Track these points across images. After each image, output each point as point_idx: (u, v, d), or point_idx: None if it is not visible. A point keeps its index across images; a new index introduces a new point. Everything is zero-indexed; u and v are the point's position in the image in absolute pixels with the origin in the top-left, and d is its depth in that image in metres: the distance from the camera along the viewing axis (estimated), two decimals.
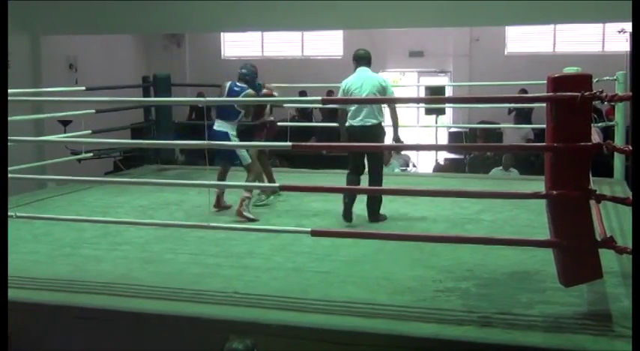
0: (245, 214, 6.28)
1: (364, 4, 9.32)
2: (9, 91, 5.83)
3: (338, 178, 8.13)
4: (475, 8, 9.13)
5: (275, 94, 7.50)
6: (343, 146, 7.73)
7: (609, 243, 3.77)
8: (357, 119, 6.31)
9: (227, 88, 6.58)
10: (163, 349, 4.01)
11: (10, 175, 5.24)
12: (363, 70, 6.41)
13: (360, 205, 6.74)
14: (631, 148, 3.54)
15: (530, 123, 11.98)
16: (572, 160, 3.73)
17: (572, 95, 3.62)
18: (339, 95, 6.62)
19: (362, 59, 6.48)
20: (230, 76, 6.86)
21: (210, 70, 14.61)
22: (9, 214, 5.09)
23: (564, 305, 4.02)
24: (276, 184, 6.48)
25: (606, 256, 3.97)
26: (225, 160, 6.62)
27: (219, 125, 6.47)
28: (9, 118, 5.43)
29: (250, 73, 6.66)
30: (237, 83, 6.59)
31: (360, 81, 6.34)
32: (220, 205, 6.68)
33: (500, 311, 3.94)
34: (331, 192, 6.78)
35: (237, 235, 5.53)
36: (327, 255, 5.11)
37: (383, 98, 6.46)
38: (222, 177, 6.76)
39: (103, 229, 5.85)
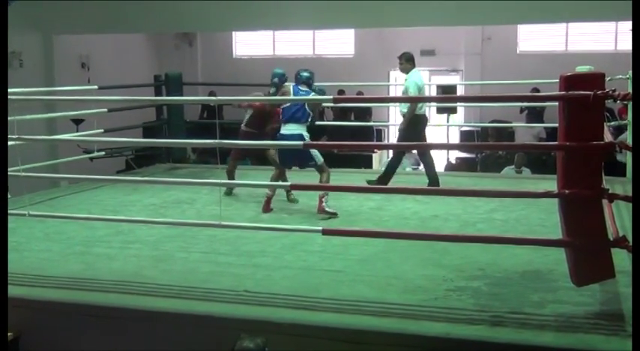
0: (327, 209, 6.32)
1: (375, 3, 9.31)
2: (22, 90, 5.89)
3: (349, 176, 8.14)
4: (487, 7, 9.10)
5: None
6: (354, 145, 7.74)
7: (622, 242, 3.75)
8: (422, 110, 7.53)
9: (291, 92, 6.56)
10: (174, 348, 4.02)
11: (22, 174, 5.29)
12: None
13: (370, 204, 6.76)
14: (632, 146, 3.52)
15: (543, 122, 11.94)
16: (585, 159, 3.71)
17: (584, 94, 3.60)
18: (418, 93, 7.42)
19: None
20: (241, 75, 6.87)
21: (222, 69, 14.66)
22: (22, 212, 5.15)
23: (576, 305, 4.00)
24: (287, 183, 6.50)
25: (619, 256, 3.95)
26: (300, 161, 6.58)
27: (290, 129, 6.42)
28: (22, 117, 5.48)
29: (312, 76, 6.74)
30: (300, 87, 6.59)
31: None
32: (269, 210, 6.59)
33: (512, 310, 3.93)
34: (341, 191, 6.78)
35: (249, 234, 5.54)
36: (337, 254, 5.11)
37: (402, 97, 6.62)
38: (280, 179, 6.76)
39: (115, 227, 5.88)
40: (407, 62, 7.60)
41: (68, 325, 4.22)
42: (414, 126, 7.37)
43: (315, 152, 6.41)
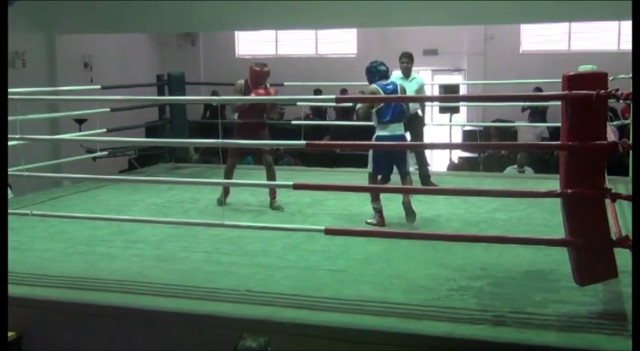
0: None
1: (378, 3, 9.29)
2: (25, 90, 5.90)
3: (352, 176, 8.15)
4: (490, 6, 9.08)
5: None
6: (357, 145, 7.73)
7: (624, 242, 3.75)
8: None
9: (381, 92, 5.97)
10: (176, 348, 4.02)
11: (25, 173, 5.29)
12: None
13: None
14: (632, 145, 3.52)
15: (545, 121, 11.92)
16: (588, 158, 3.71)
17: (587, 93, 3.60)
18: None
19: None
20: (243, 75, 6.82)
21: (225, 68, 14.63)
22: (25, 212, 5.15)
23: (579, 304, 4.00)
24: (290, 183, 6.48)
25: (621, 256, 3.94)
26: (398, 165, 6.09)
27: (395, 129, 5.97)
28: (25, 117, 5.48)
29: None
30: (385, 83, 6.04)
31: None
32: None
33: (514, 310, 3.93)
34: (345, 190, 6.77)
35: (251, 234, 5.54)
36: (340, 253, 5.11)
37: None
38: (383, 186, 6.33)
39: (118, 227, 5.88)
40: (412, 61, 7.58)
41: (71, 324, 4.22)
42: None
43: (408, 157, 6.11)
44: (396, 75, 7.43)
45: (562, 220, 3.88)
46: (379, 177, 6.18)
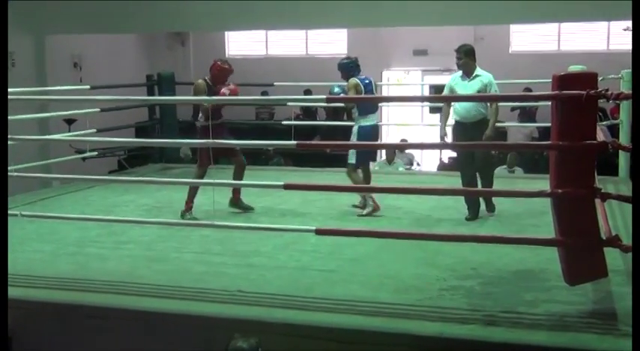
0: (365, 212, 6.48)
1: (368, 3, 9.30)
2: (14, 90, 5.86)
3: (342, 176, 8.15)
4: (480, 7, 9.11)
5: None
6: (347, 145, 7.73)
7: (614, 241, 3.77)
8: None
9: (360, 85, 6.79)
10: (168, 348, 4.01)
11: (15, 174, 5.27)
12: None
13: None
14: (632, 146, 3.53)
15: (535, 121, 11.95)
16: (578, 158, 3.72)
17: (577, 94, 3.61)
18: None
19: None
20: (234, 75, 6.81)
21: None
22: (14, 212, 5.12)
23: (569, 304, 4.01)
24: (280, 183, 6.47)
25: (611, 255, 3.97)
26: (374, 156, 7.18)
27: (376, 118, 6.90)
28: (14, 117, 5.46)
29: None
30: (364, 76, 6.94)
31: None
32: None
33: (505, 310, 3.94)
34: (335, 190, 6.77)
35: (242, 234, 5.53)
36: (331, 253, 5.12)
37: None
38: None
39: (108, 227, 5.86)
40: (468, 56, 6.86)
41: (62, 325, 4.21)
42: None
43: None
44: (455, 74, 7.10)
45: (552, 220, 3.90)
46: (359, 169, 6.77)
